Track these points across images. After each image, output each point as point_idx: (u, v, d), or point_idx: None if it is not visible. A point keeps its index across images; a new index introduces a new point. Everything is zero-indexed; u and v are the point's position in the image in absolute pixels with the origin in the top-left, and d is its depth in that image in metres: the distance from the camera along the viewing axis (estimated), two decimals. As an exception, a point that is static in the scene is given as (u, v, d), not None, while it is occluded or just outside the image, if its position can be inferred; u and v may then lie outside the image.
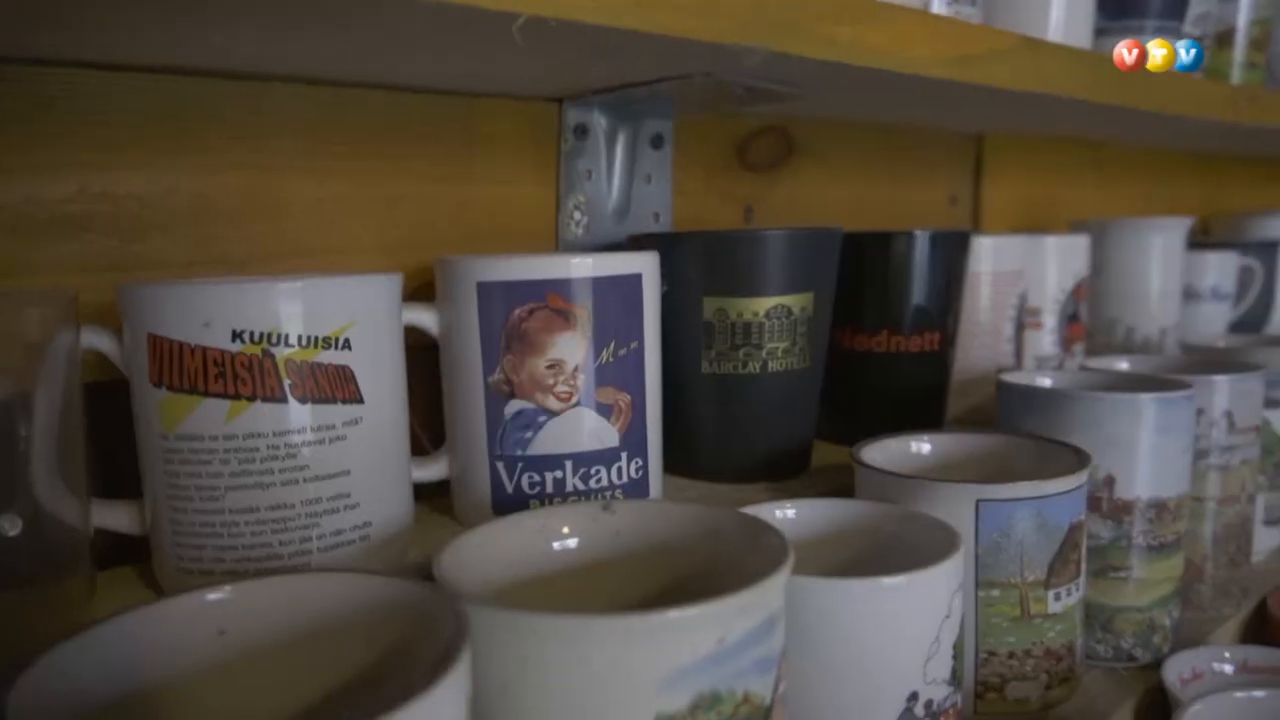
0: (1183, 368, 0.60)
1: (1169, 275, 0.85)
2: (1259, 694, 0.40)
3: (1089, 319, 0.86)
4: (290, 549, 0.35)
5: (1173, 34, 0.75)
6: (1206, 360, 0.62)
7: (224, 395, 0.34)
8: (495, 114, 0.54)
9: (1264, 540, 0.62)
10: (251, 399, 0.34)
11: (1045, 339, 0.76)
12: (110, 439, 0.39)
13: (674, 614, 0.25)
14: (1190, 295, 0.93)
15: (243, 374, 0.34)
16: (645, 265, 0.44)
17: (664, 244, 0.48)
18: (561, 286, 0.41)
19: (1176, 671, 0.49)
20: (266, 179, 0.46)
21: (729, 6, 0.37)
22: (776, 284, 0.49)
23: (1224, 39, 0.91)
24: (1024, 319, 0.71)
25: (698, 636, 0.25)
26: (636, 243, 0.53)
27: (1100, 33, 0.73)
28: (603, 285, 0.42)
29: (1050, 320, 0.76)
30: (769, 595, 0.27)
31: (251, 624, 0.28)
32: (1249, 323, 1.00)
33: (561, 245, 0.57)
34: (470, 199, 0.54)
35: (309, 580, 0.29)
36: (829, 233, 0.52)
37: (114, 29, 0.35)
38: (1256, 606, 0.57)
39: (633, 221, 0.59)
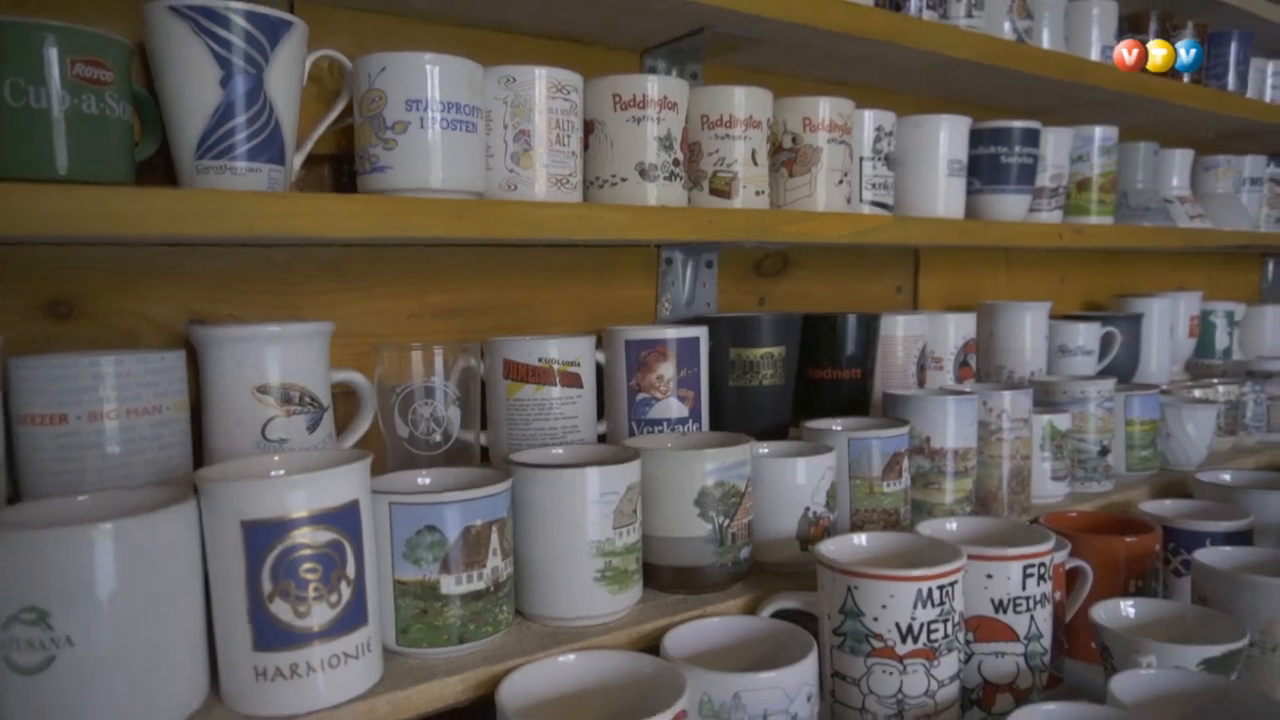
0: (1004, 389, 1.08)
1: (1036, 338, 1.33)
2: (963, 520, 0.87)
3: (984, 365, 1.35)
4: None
5: (1027, 193, 1.25)
6: (1035, 387, 1.10)
7: (534, 383, 0.86)
8: (626, 254, 1.06)
9: (1052, 489, 1.10)
10: (543, 385, 0.86)
11: (947, 376, 1.25)
12: (470, 405, 0.92)
13: (710, 450, 0.76)
14: (1066, 351, 1.41)
15: (542, 375, 0.86)
16: (700, 332, 0.96)
17: (710, 322, 0.99)
18: (663, 343, 0.93)
19: (968, 538, 0.96)
20: (526, 291, 0.99)
21: (735, 226, 0.89)
22: (765, 341, 1.00)
23: (1083, 185, 1.40)
24: (927, 364, 1.20)
25: (715, 461, 0.76)
26: (697, 321, 1.04)
27: (975, 192, 1.23)
28: (681, 342, 0.93)
29: (949, 365, 1.25)
30: (741, 452, 0.78)
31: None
32: (1117, 371, 1.47)
33: (658, 320, 1.09)
34: (614, 296, 1.06)
35: (580, 446, 0.80)
36: (792, 316, 1.03)
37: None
38: (1033, 520, 1.04)
39: (696, 307, 1.11)
